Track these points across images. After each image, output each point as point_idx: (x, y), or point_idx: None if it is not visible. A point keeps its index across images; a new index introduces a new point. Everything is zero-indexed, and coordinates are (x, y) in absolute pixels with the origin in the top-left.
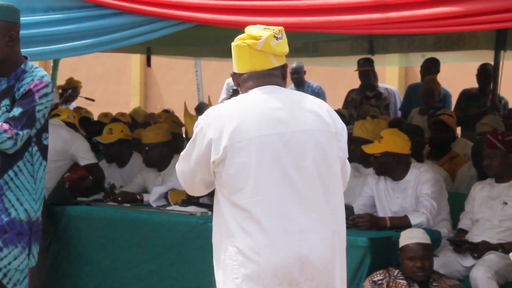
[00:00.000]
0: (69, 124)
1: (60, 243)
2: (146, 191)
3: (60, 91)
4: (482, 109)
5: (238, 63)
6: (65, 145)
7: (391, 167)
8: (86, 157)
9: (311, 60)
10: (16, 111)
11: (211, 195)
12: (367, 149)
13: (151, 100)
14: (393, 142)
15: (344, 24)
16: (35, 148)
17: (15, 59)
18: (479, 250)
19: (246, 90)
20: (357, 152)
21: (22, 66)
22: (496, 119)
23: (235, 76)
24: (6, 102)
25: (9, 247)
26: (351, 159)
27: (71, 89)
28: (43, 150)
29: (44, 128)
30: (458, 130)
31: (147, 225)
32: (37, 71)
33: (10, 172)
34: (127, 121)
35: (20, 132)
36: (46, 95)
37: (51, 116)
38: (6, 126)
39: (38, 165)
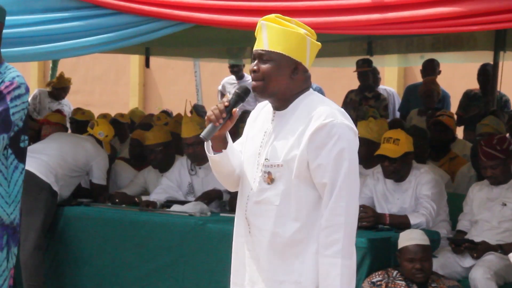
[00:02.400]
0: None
1: (59, 244)
2: (147, 191)
3: (49, 89)
4: (492, 109)
5: (310, 60)
6: (87, 158)
7: (406, 168)
8: (99, 176)
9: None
10: None
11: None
12: (389, 153)
13: (150, 101)
14: (409, 142)
15: (342, 24)
16: (10, 151)
17: None
18: (478, 250)
19: (302, 88)
20: (361, 152)
21: None
22: (497, 120)
23: (302, 69)
24: None
25: None
26: None
27: (60, 89)
28: (20, 153)
29: (23, 131)
30: (461, 130)
31: (146, 226)
32: (9, 72)
33: None
34: (126, 122)
35: (1, 136)
36: (18, 96)
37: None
38: None
39: (13, 168)
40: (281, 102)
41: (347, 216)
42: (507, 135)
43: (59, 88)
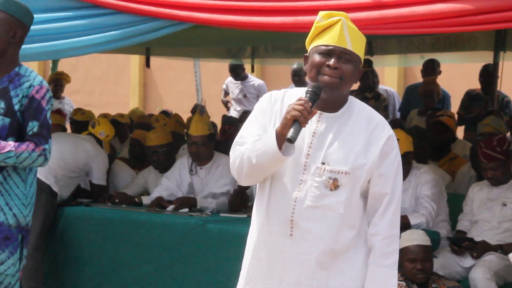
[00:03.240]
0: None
1: (59, 244)
2: (147, 191)
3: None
4: (489, 109)
5: None
6: (87, 159)
7: (407, 168)
8: (99, 176)
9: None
10: (33, 126)
11: None
12: None
13: (150, 101)
14: (409, 142)
15: None
16: None
17: (12, 59)
18: (478, 249)
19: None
20: None
21: (16, 69)
22: (498, 120)
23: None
24: (0, 104)
25: None
26: None
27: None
28: None
29: None
30: (461, 130)
31: (146, 226)
32: (34, 75)
33: (0, 176)
34: (126, 122)
35: (46, 146)
36: (50, 99)
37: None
38: (32, 145)
39: (28, 170)
40: (336, 104)
41: (399, 229)
42: (508, 134)
43: (51, 80)
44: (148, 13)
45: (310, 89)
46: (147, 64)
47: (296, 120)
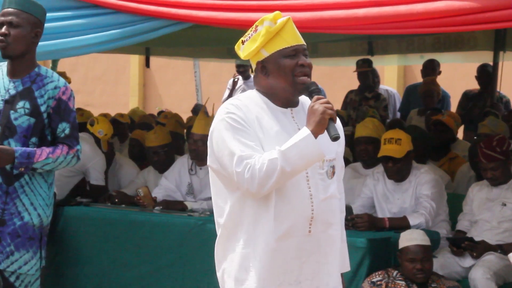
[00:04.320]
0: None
1: (59, 244)
2: None
3: None
4: (485, 109)
5: None
6: (84, 160)
7: (408, 168)
8: (97, 177)
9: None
10: (63, 127)
11: None
12: (394, 153)
13: (150, 101)
14: (409, 141)
15: (340, 20)
16: None
17: (32, 59)
18: (478, 248)
19: None
20: (369, 151)
21: (36, 69)
22: (496, 121)
23: None
24: (25, 104)
25: (20, 251)
26: (354, 160)
27: None
28: None
29: None
30: (460, 130)
31: (146, 226)
32: (56, 76)
33: (26, 176)
34: (126, 122)
35: (79, 147)
36: (74, 99)
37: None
38: (66, 148)
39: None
40: (297, 99)
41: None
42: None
43: None
44: (146, 13)
45: (314, 88)
46: (147, 64)
47: (330, 118)
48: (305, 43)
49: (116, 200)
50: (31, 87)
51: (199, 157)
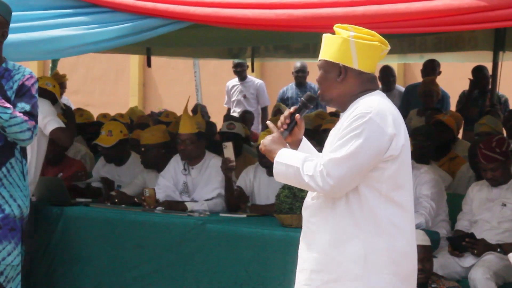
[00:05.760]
0: (47, 93)
1: (59, 244)
2: None
3: None
4: (486, 109)
5: (365, 61)
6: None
7: None
8: (51, 120)
9: (311, 60)
10: (23, 106)
11: None
12: None
13: (150, 101)
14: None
15: (338, 19)
16: (20, 147)
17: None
18: (478, 245)
19: (361, 90)
20: None
21: (4, 65)
22: (494, 119)
23: (351, 71)
24: None
25: (2, 243)
26: None
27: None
28: (24, 148)
29: None
30: (461, 130)
31: (146, 226)
32: (23, 68)
33: (3, 169)
34: (125, 122)
35: (37, 126)
36: (37, 91)
37: None
38: (26, 117)
39: (25, 162)
40: (341, 105)
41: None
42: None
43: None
44: (143, 10)
45: (302, 99)
46: (149, 64)
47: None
48: (319, 58)
49: (116, 200)
50: (0, 82)
51: (189, 157)
